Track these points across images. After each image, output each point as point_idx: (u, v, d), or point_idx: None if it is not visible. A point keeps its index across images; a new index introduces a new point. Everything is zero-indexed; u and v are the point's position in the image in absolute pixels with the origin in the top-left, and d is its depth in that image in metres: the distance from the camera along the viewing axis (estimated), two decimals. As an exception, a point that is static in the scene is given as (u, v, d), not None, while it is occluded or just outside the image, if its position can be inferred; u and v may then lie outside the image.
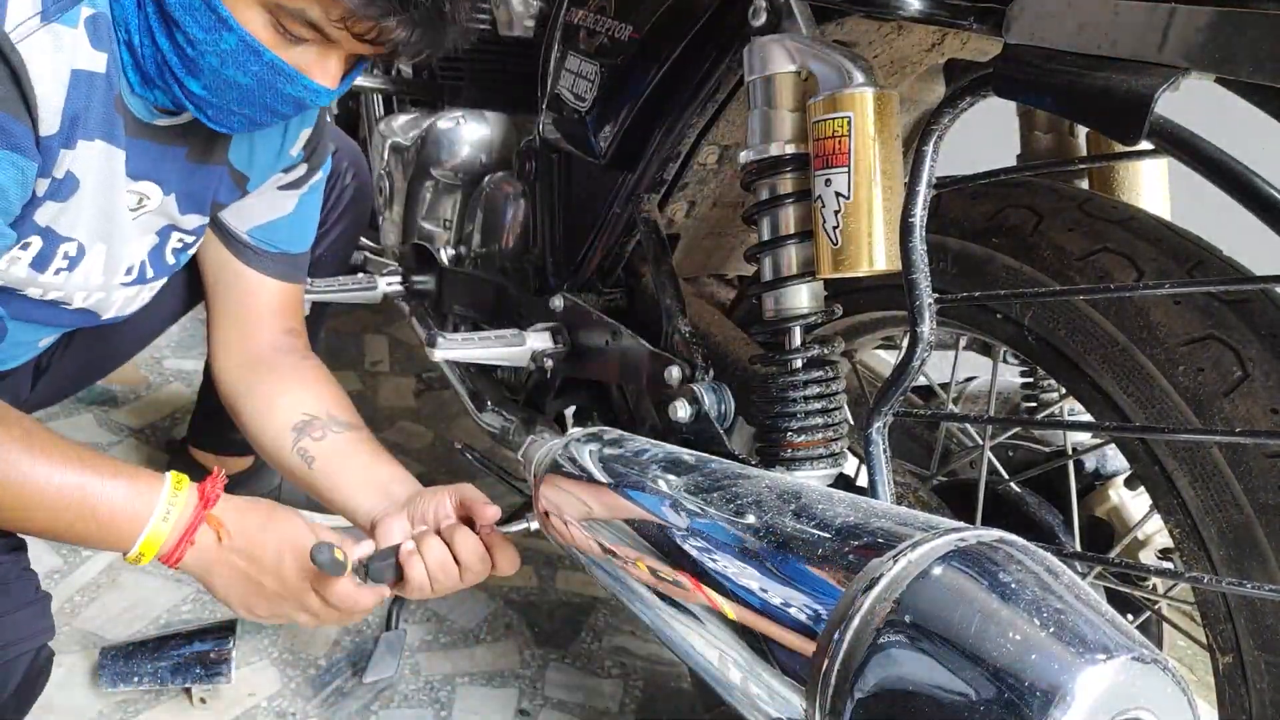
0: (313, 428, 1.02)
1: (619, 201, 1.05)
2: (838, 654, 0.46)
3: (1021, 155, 0.97)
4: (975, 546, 0.47)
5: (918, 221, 0.67)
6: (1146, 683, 0.42)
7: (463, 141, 1.36)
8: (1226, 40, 0.52)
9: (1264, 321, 0.67)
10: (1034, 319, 0.77)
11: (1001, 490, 0.98)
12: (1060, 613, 0.43)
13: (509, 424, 1.19)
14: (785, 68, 0.77)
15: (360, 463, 1.01)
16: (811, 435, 0.79)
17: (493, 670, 1.34)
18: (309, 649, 1.33)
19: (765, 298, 0.81)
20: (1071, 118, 0.85)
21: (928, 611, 0.45)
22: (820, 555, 0.53)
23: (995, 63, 0.64)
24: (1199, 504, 0.68)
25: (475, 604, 1.45)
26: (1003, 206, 0.80)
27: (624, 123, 1.00)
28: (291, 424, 1.02)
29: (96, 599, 1.32)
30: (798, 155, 0.77)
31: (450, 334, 1.13)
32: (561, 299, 1.09)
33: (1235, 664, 0.69)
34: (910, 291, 0.68)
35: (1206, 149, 0.55)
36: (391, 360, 2.03)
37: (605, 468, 0.77)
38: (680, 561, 0.62)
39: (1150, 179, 0.92)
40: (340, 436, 1.02)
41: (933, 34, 0.88)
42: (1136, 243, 0.73)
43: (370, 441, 1.04)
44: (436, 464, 1.73)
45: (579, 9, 1.05)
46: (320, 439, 1.01)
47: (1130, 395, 0.71)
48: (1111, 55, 0.57)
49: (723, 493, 0.64)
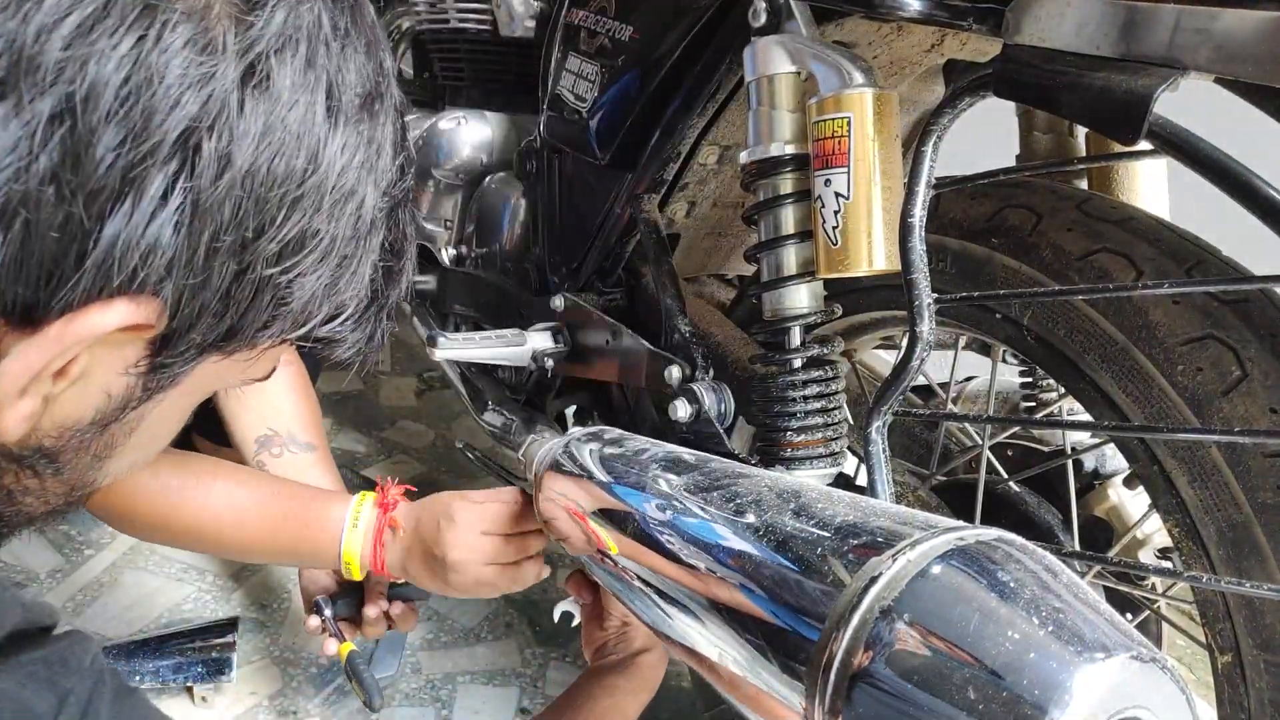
0: (272, 444, 1.11)
1: (619, 201, 1.05)
2: (837, 652, 0.46)
3: (1021, 155, 0.97)
4: (974, 545, 0.47)
5: (917, 222, 0.67)
6: (1145, 682, 0.42)
7: (463, 142, 1.37)
8: (1226, 40, 0.52)
9: (1263, 321, 0.67)
10: (1033, 319, 0.77)
11: (1001, 490, 0.98)
12: (1059, 611, 0.43)
13: (510, 423, 1.19)
14: (785, 68, 0.77)
15: None
16: (811, 435, 0.79)
17: (494, 669, 1.34)
18: (310, 647, 1.33)
19: (765, 298, 0.81)
20: (1070, 118, 0.85)
21: (927, 610, 0.45)
22: (820, 554, 0.53)
23: (995, 63, 0.64)
24: (1198, 503, 0.68)
25: (476, 603, 1.45)
26: (1002, 207, 0.80)
27: (624, 123, 1.00)
28: (255, 436, 1.12)
29: (99, 598, 1.33)
30: (797, 155, 0.77)
31: (451, 334, 1.13)
32: (562, 299, 1.09)
33: (1234, 663, 0.69)
34: (910, 291, 0.68)
35: (1205, 149, 0.55)
36: (393, 360, 2.04)
37: (605, 467, 0.77)
38: (680, 560, 0.63)
39: (1149, 179, 0.93)
40: (295, 458, 1.11)
41: (932, 34, 0.88)
42: (1135, 243, 0.73)
43: (320, 465, 1.13)
44: (437, 463, 1.73)
45: (579, 9, 1.05)
46: (278, 456, 1.11)
47: (1129, 395, 0.71)
48: (1111, 55, 0.57)
49: (722, 492, 0.64)
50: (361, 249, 0.49)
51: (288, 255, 0.45)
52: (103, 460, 0.51)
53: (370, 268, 0.51)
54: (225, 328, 0.46)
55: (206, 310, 0.44)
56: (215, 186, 0.41)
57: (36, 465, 0.48)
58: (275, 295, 0.46)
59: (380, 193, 0.49)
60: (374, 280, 0.52)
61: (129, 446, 0.51)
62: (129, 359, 0.45)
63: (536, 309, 1.14)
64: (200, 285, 0.43)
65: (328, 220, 0.46)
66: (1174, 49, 0.54)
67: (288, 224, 0.44)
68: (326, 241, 0.46)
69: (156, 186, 0.40)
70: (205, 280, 0.43)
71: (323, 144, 0.44)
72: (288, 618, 1.37)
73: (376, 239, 0.50)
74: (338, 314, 0.51)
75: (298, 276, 0.46)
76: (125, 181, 0.39)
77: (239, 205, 0.42)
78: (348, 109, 0.45)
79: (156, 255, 0.41)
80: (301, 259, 0.46)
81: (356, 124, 0.46)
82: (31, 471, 0.48)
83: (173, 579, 1.39)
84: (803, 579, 0.52)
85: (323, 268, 0.47)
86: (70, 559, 1.38)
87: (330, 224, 0.46)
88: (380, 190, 0.49)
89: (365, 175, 0.47)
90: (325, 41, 0.44)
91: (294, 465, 1.10)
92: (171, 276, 0.42)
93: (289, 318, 0.47)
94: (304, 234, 0.45)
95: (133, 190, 0.39)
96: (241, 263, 0.44)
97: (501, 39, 1.32)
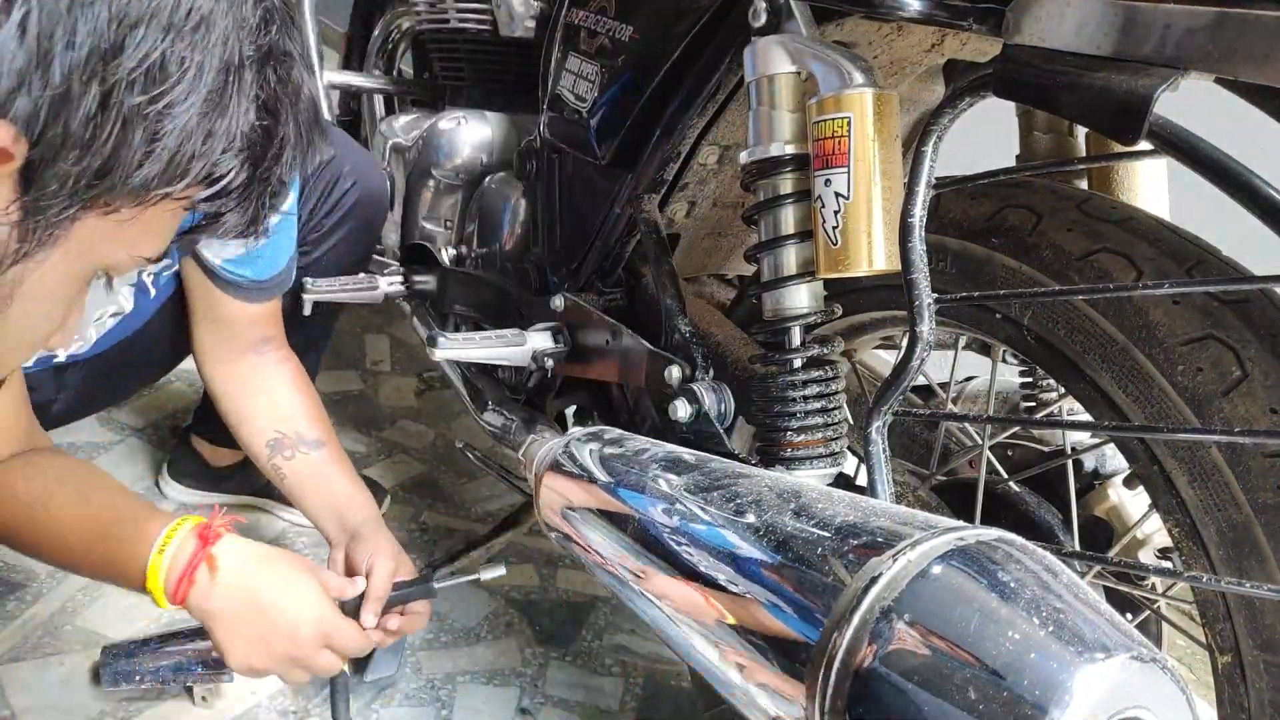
0: (283, 446, 1.11)
1: (619, 201, 1.05)
2: (837, 653, 0.46)
3: (1021, 155, 0.97)
4: (974, 546, 0.47)
5: (917, 222, 0.67)
6: (1145, 682, 0.42)
7: (464, 142, 1.36)
8: (1226, 40, 0.52)
9: (1263, 321, 0.67)
10: (1033, 319, 0.77)
11: (1001, 490, 0.98)
12: (1059, 612, 0.43)
13: (510, 423, 1.19)
14: (785, 68, 0.77)
15: (321, 486, 1.11)
16: (811, 435, 0.79)
17: (494, 669, 1.34)
18: (310, 648, 1.33)
19: (765, 298, 0.81)
20: (1071, 118, 0.85)
21: (927, 610, 0.45)
22: (820, 554, 0.53)
23: (995, 63, 0.64)
24: (1198, 503, 0.68)
25: (476, 603, 1.45)
26: (1002, 207, 0.80)
27: (624, 123, 1.00)
28: (266, 439, 1.11)
29: (99, 598, 1.32)
30: (797, 155, 0.77)
31: (451, 334, 1.13)
32: (562, 299, 1.09)
33: (1234, 663, 0.69)
34: (910, 291, 0.68)
35: (1206, 149, 0.55)
36: (393, 360, 2.04)
37: (605, 467, 0.77)
38: (680, 560, 0.63)
39: (1149, 179, 0.93)
40: (307, 457, 1.11)
41: (932, 34, 0.88)
42: (1135, 243, 0.73)
43: (333, 461, 1.12)
44: (437, 463, 1.73)
45: (579, 9, 1.05)
46: (290, 459, 1.11)
47: (1129, 395, 0.71)
48: (1111, 55, 0.57)
49: (722, 492, 0.64)
50: (231, 88, 0.49)
51: (153, 82, 0.45)
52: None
53: (245, 117, 0.50)
54: (96, 164, 0.45)
55: (71, 138, 0.44)
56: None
57: None
58: (146, 130, 0.45)
59: (244, 33, 0.49)
60: (251, 142, 0.52)
61: (10, 317, 0.50)
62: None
63: (536, 309, 1.14)
64: (59, 102, 0.43)
65: (189, 49, 0.46)
66: (1174, 49, 0.54)
67: (145, 43, 0.44)
68: (193, 72, 0.46)
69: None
70: (64, 97, 0.43)
71: None
72: (288, 618, 1.37)
73: (247, 81, 0.50)
74: (217, 178, 0.51)
75: (166, 108, 0.46)
76: None
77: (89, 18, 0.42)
78: None
79: (8, 65, 0.40)
80: (169, 88, 0.45)
81: None
82: None
83: (173, 579, 1.39)
84: (803, 579, 0.52)
85: (192, 100, 0.46)
86: (70, 559, 1.38)
87: (192, 52, 0.46)
88: (243, 30, 0.49)
89: (222, 7, 0.47)
90: None
91: (308, 465, 1.11)
92: (24, 90, 0.41)
93: (164, 157, 0.47)
94: (165, 58, 0.45)
95: None
96: (105, 85, 0.43)
97: (501, 39, 1.32)
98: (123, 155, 0.46)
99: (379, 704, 1.26)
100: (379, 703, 1.26)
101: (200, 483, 1.53)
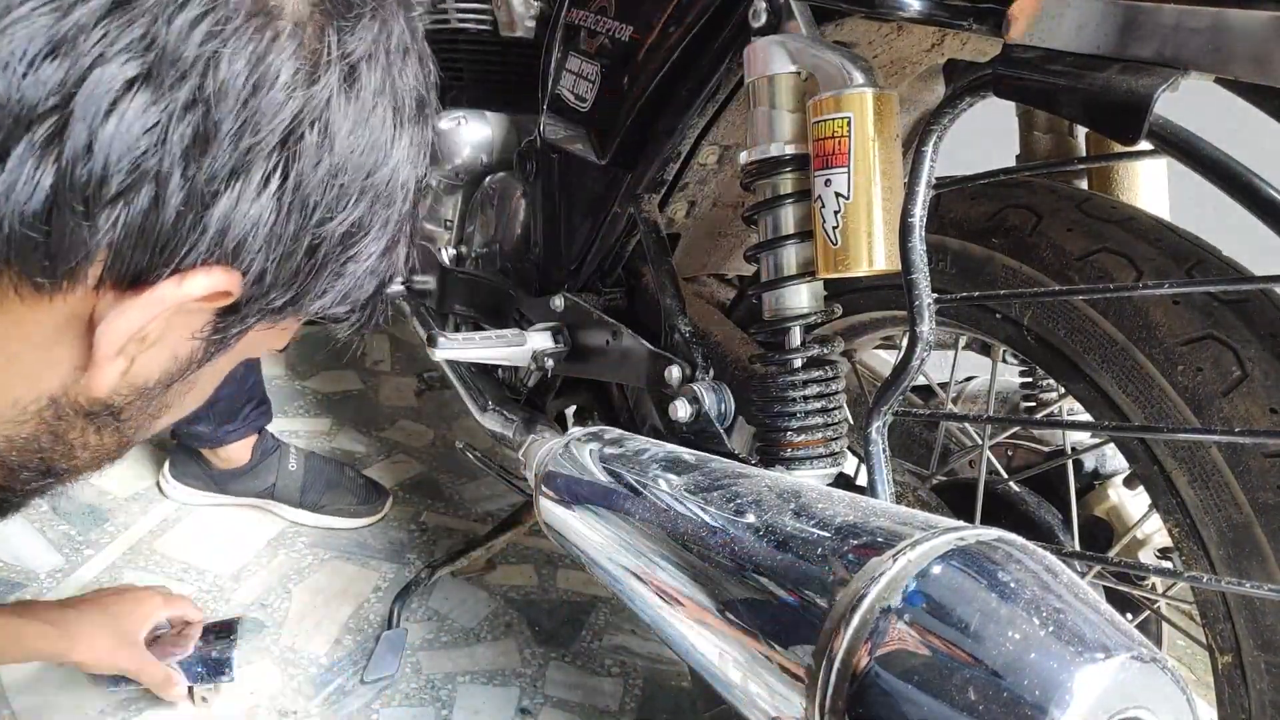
0: None
1: (619, 201, 1.05)
2: (837, 653, 0.46)
3: (1021, 155, 0.97)
4: (974, 546, 0.47)
5: (917, 222, 0.67)
6: (1145, 682, 0.42)
7: (463, 142, 1.36)
8: (1227, 40, 0.52)
9: (1263, 321, 0.67)
10: (1033, 319, 0.77)
11: (1001, 490, 0.98)
12: (1059, 612, 0.43)
13: (510, 423, 1.19)
14: (785, 68, 0.77)
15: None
16: (811, 435, 0.79)
17: (493, 669, 1.34)
18: (310, 647, 1.33)
19: (765, 297, 0.81)
20: (1070, 118, 0.85)
21: (927, 610, 0.45)
22: (820, 554, 0.53)
23: (995, 63, 0.64)
24: (1198, 503, 0.68)
25: (476, 603, 1.45)
26: (1002, 207, 0.80)
27: (624, 123, 1.00)
28: None
29: (98, 598, 1.32)
30: (797, 155, 0.77)
31: (451, 334, 1.13)
32: (562, 299, 1.09)
33: (1234, 663, 0.69)
34: (910, 291, 0.68)
35: (1206, 149, 0.55)
36: (392, 360, 2.04)
37: (605, 467, 0.77)
38: (680, 560, 0.63)
39: (1149, 179, 0.93)
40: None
41: (932, 34, 0.88)
42: (1135, 243, 0.73)
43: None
44: (437, 463, 1.73)
45: (580, 9, 1.05)
46: None
47: (1129, 395, 0.71)
48: (1111, 55, 0.57)
49: (722, 492, 0.64)
50: (402, 234, 0.56)
51: (351, 239, 0.51)
52: (155, 418, 0.56)
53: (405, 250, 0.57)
54: (288, 299, 0.51)
55: (279, 283, 0.50)
56: (312, 175, 0.47)
57: (102, 421, 0.53)
58: (333, 271, 0.52)
59: (416, 185, 0.55)
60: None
61: (177, 405, 0.57)
62: (197, 324, 0.50)
63: (536, 309, 1.14)
64: (282, 261, 0.49)
65: (384, 208, 0.52)
66: (1174, 49, 0.54)
67: (356, 210, 0.51)
68: (379, 226, 0.53)
69: (263, 171, 0.46)
70: (289, 255, 0.49)
71: (391, 143, 0.51)
72: (287, 618, 1.37)
73: (410, 225, 0.57)
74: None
75: (355, 256, 0.52)
76: (240, 164, 0.45)
77: (325, 193, 0.48)
78: (408, 113, 0.52)
79: (259, 230, 0.47)
80: (362, 242, 0.52)
81: (413, 126, 0.53)
82: (96, 428, 0.53)
83: (173, 579, 1.39)
84: (803, 579, 0.52)
85: (374, 248, 0.53)
86: (70, 559, 1.38)
87: (386, 211, 0.53)
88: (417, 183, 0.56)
89: (413, 171, 0.54)
90: (397, 52, 0.51)
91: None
92: (264, 251, 0.48)
93: (342, 292, 0.54)
94: (366, 221, 0.52)
95: (244, 172, 0.45)
96: (314, 239, 0.50)
97: (501, 39, 1.32)
98: (311, 289, 0.52)
99: (379, 704, 1.26)
100: (379, 702, 1.26)
101: (201, 483, 1.53)
